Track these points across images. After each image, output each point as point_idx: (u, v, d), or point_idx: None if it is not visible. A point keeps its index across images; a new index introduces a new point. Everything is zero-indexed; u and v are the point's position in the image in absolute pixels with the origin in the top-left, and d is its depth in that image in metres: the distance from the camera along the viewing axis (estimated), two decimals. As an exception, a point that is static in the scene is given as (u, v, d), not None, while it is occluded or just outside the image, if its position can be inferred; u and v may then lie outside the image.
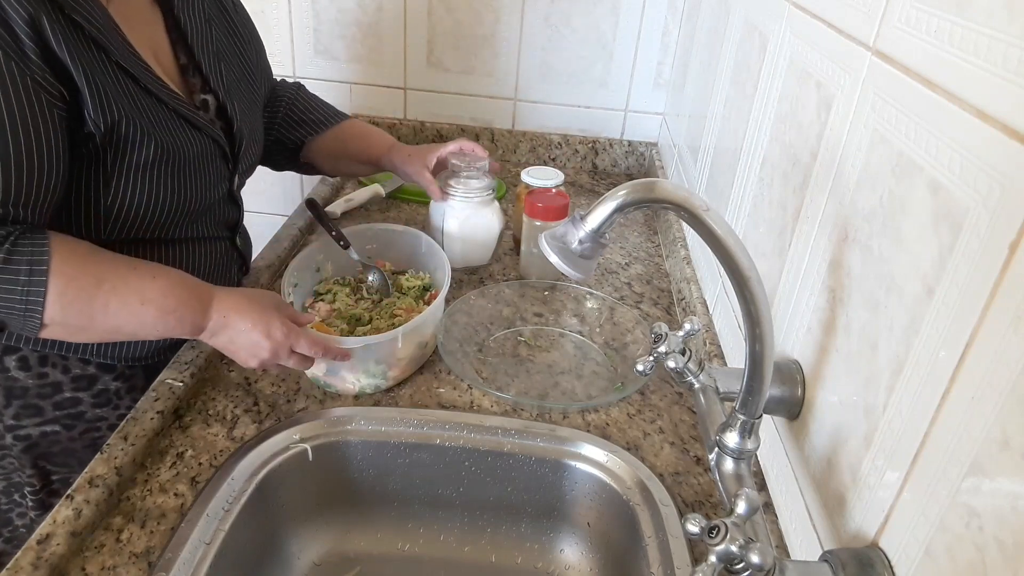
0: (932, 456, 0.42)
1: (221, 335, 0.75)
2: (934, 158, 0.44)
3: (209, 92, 0.85)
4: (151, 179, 0.75)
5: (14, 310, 0.66)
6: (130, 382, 0.87)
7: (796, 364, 0.63)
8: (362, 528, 0.83)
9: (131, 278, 0.70)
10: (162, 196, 0.76)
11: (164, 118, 0.75)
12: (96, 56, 0.68)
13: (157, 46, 0.81)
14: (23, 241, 0.65)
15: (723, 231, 0.49)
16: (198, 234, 0.85)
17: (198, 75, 0.85)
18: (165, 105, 0.76)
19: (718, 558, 0.45)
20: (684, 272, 1.05)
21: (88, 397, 0.85)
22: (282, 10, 1.46)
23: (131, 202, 0.74)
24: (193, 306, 0.72)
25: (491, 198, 1.10)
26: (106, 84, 0.69)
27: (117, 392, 0.87)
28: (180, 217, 0.80)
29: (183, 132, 0.78)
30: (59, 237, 0.68)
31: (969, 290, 0.39)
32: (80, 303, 0.67)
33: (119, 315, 0.69)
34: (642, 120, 1.53)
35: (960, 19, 0.43)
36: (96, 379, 0.85)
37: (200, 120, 0.80)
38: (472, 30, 1.45)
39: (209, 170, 0.82)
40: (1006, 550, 0.35)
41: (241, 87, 0.91)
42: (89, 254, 0.69)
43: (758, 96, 0.82)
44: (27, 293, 0.65)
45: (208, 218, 0.86)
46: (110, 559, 0.64)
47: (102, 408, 0.87)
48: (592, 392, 0.90)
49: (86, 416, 0.86)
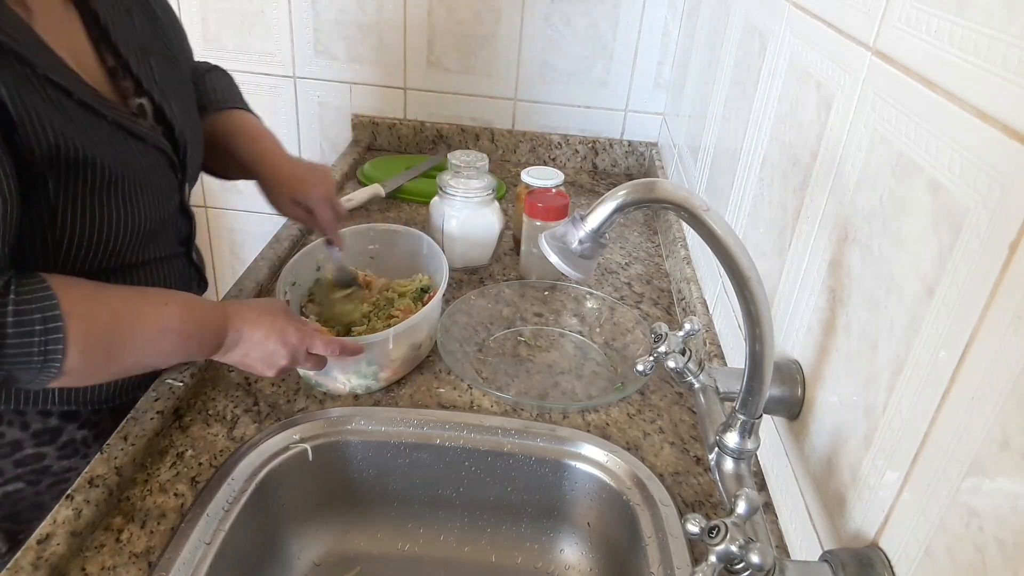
0: (932, 456, 0.42)
1: (235, 350, 0.73)
2: (934, 158, 0.44)
3: (143, 95, 0.75)
4: (100, 204, 0.67)
5: (32, 363, 0.60)
6: (97, 428, 0.81)
7: (796, 364, 0.63)
8: (362, 528, 0.83)
9: (145, 309, 0.66)
10: (114, 221, 0.69)
11: (105, 134, 0.67)
12: (22, 73, 0.59)
13: (78, 49, 0.70)
14: (24, 288, 0.59)
15: (723, 231, 0.49)
16: (153, 255, 0.78)
17: (128, 76, 0.74)
18: (104, 118, 0.67)
19: (718, 558, 0.45)
20: (684, 272, 1.05)
21: (53, 451, 0.78)
22: (282, 10, 1.46)
23: (80, 232, 0.67)
24: (210, 326, 0.70)
25: (491, 198, 1.10)
26: (37, 104, 0.60)
27: (84, 440, 0.80)
28: (134, 240, 0.72)
29: (127, 146, 0.69)
30: (55, 277, 0.62)
31: (969, 290, 0.39)
32: (100, 345, 0.63)
33: (141, 349, 0.66)
34: (642, 120, 1.53)
35: (960, 19, 0.43)
36: (60, 431, 0.78)
37: (142, 129, 0.71)
38: (472, 30, 1.45)
39: (159, 184, 0.74)
40: (1006, 550, 0.35)
41: (172, 82, 0.81)
42: (95, 291, 0.65)
43: (758, 96, 0.82)
44: (45, 343, 0.59)
45: (162, 236, 0.79)
46: (110, 559, 0.64)
47: (69, 459, 0.80)
48: (592, 392, 0.90)
49: (52, 470, 0.79)
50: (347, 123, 1.57)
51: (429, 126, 1.54)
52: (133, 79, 0.75)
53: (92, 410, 0.79)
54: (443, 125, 1.54)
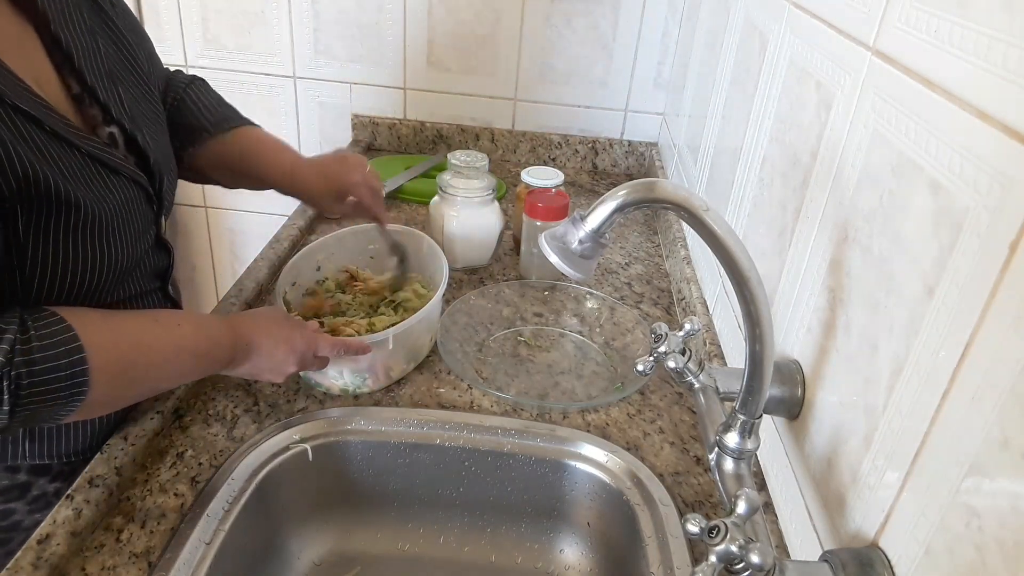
0: (932, 456, 0.42)
1: (244, 363, 0.73)
2: (934, 158, 0.44)
3: (112, 123, 0.70)
4: (73, 243, 0.62)
5: (59, 399, 0.57)
6: (71, 479, 0.73)
7: (796, 364, 0.63)
8: (362, 528, 0.83)
9: (158, 331, 0.65)
10: (88, 260, 0.64)
11: (78, 167, 0.62)
12: None
13: (40, 75, 0.65)
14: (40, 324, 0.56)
15: (723, 231, 0.49)
16: (127, 293, 0.73)
17: (95, 104, 0.69)
18: (77, 149, 0.62)
19: (718, 558, 0.45)
20: (684, 272, 1.05)
21: (22, 506, 0.74)
22: (282, 10, 1.46)
23: (52, 270, 0.62)
24: (222, 343, 0.70)
25: (491, 198, 1.10)
26: (4, 134, 0.55)
27: (57, 493, 0.75)
28: (108, 280, 0.67)
29: (101, 180, 0.64)
30: (62, 309, 0.59)
31: (969, 290, 0.39)
32: (122, 372, 0.62)
33: (159, 372, 0.65)
34: (642, 120, 1.53)
35: (960, 19, 0.43)
36: (29, 486, 0.73)
37: (116, 161, 0.66)
38: (472, 30, 1.45)
39: (136, 219, 0.69)
40: (1006, 550, 0.35)
41: (142, 107, 0.76)
42: (104, 318, 0.62)
43: (758, 96, 0.82)
44: (71, 377, 0.57)
45: (138, 273, 0.74)
46: (110, 559, 0.64)
47: (41, 512, 0.74)
48: (592, 392, 0.90)
49: (23, 525, 0.75)
50: (347, 123, 1.57)
51: (429, 126, 1.54)
52: (100, 107, 0.70)
53: (64, 462, 0.75)
54: (443, 125, 1.54)
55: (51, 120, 0.60)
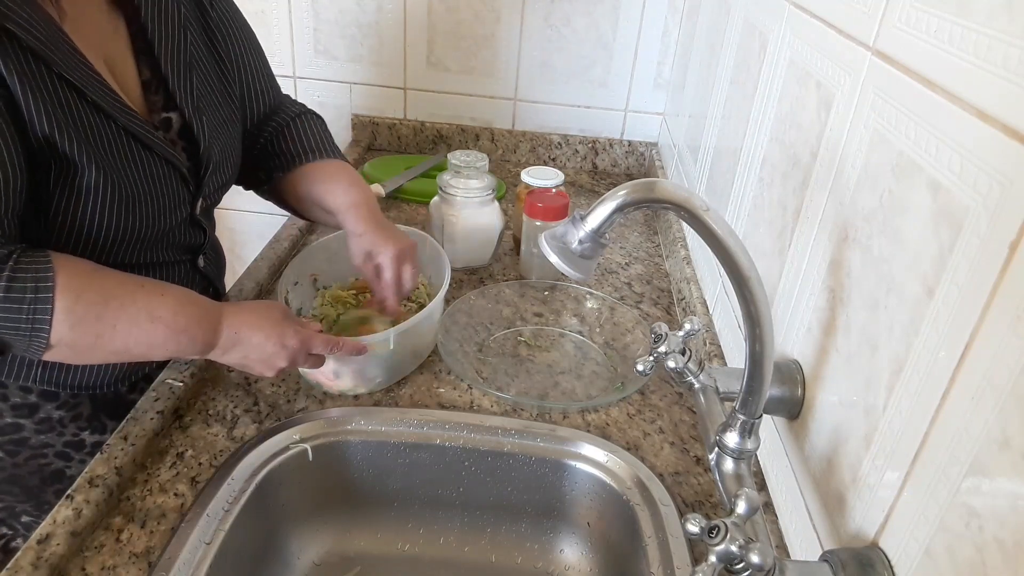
0: (932, 456, 0.42)
1: (234, 352, 0.73)
2: (934, 158, 0.44)
3: (174, 109, 0.77)
4: (95, 204, 0.68)
5: (20, 330, 0.62)
6: (75, 411, 0.82)
7: (796, 364, 0.63)
8: (362, 528, 0.83)
9: (139, 295, 0.67)
10: (108, 223, 0.69)
11: (110, 136, 0.68)
12: (34, 68, 0.61)
13: (117, 59, 0.72)
14: (25, 259, 0.62)
15: (723, 231, 0.49)
16: (152, 259, 0.78)
17: (162, 91, 0.76)
18: (114, 122, 0.68)
19: (718, 558, 0.45)
20: (684, 272, 1.05)
21: (30, 424, 0.80)
22: (282, 10, 1.46)
23: (72, 227, 0.68)
24: (204, 325, 0.70)
25: (491, 198, 1.10)
26: (40, 98, 0.62)
27: (60, 420, 0.82)
28: (131, 245, 0.73)
29: (130, 152, 0.70)
30: (60, 255, 0.64)
31: (969, 290, 0.39)
32: (88, 322, 0.64)
33: (128, 334, 0.67)
34: (642, 120, 1.53)
35: (960, 19, 0.43)
36: (37, 407, 0.80)
37: (153, 139, 0.72)
38: (472, 30, 1.45)
39: (163, 194, 0.74)
40: (1006, 550, 0.35)
41: (215, 101, 0.82)
42: (94, 271, 0.66)
43: (758, 96, 0.82)
44: (33, 312, 0.61)
45: (165, 243, 0.79)
46: (110, 559, 0.64)
47: (46, 435, 0.82)
48: (592, 392, 0.90)
49: (30, 442, 0.81)
50: (347, 123, 1.57)
51: (429, 126, 1.54)
52: (167, 94, 0.76)
53: (72, 394, 0.81)
54: (443, 125, 1.54)
55: (95, 92, 0.66)
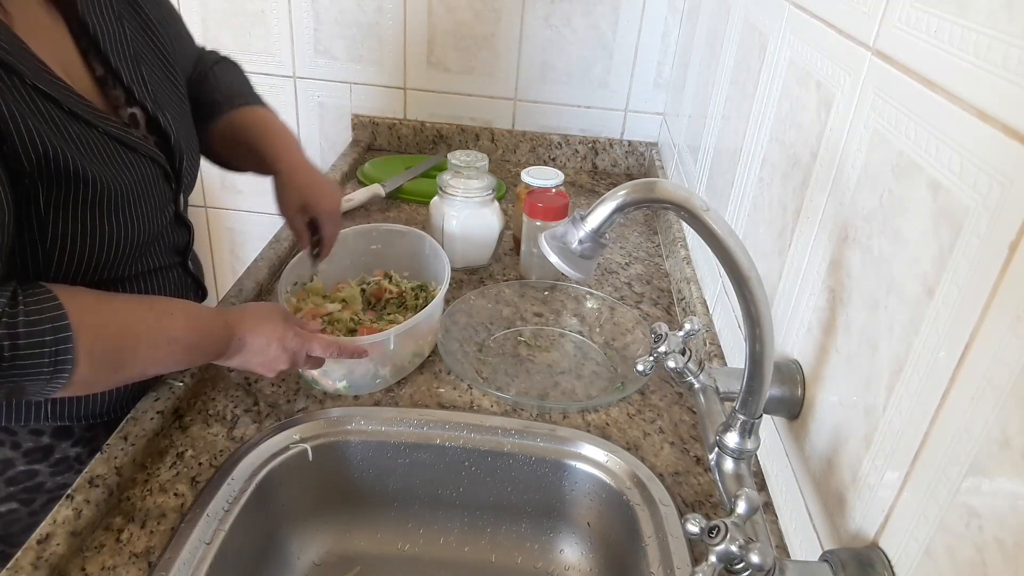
0: (932, 456, 0.42)
1: (237, 356, 0.74)
2: (934, 158, 0.44)
3: (135, 104, 0.74)
4: (91, 217, 0.65)
5: (42, 374, 0.58)
6: (91, 444, 0.79)
7: (796, 364, 0.63)
8: (362, 528, 0.83)
9: (150, 318, 0.66)
10: (105, 234, 0.67)
11: (96, 144, 0.65)
12: (8, 83, 0.58)
13: (66, 59, 0.69)
14: (31, 300, 0.58)
15: (723, 231, 0.49)
16: (147, 267, 0.76)
17: (119, 86, 0.73)
18: (95, 129, 0.65)
19: (718, 558, 0.45)
20: (684, 272, 1.05)
21: (45, 468, 0.77)
22: (282, 10, 1.46)
23: (72, 245, 0.65)
24: (214, 335, 0.71)
25: (491, 198, 1.10)
26: (25, 113, 0.58)
27: (78, 457, 0.79)
28: (127, 253, 0.71)
29: (119, 157, 0.67)
30: (58, 287, 0.61)
31: (969, 290, 0.39)
32: (108, 355, 0.62)
33: (147, 358, 0.66)
34: (642, 120, 1.53)
35: (960, 19, 0.43)
36: (52, 449, 0.76)
37: (134, 140, 0.69)
38: (472, 30, 1.45)
39: (153, 195, 0.72)
40: (1006, 550, 0.35)
41: (166, 89, 0.79)
42: (98, 301, 0.64)
43: (758, 96, 0.82)
44: (56, 354, 0.58)
45: (156, 247, 0.77)
46: (110, 559, 0.64)
47: (63, 475, 0.78)
48: (592, 392, 0.90)
49: (46, 487, 0.78)
50: (347, 123, 1.57)
51: (429, 126, 1.54)
52: (124, 89, 0.73)
53: (86, 426, 0.78)
54: (443, 125, 1.54)
55: (69, 100, 0.63)
